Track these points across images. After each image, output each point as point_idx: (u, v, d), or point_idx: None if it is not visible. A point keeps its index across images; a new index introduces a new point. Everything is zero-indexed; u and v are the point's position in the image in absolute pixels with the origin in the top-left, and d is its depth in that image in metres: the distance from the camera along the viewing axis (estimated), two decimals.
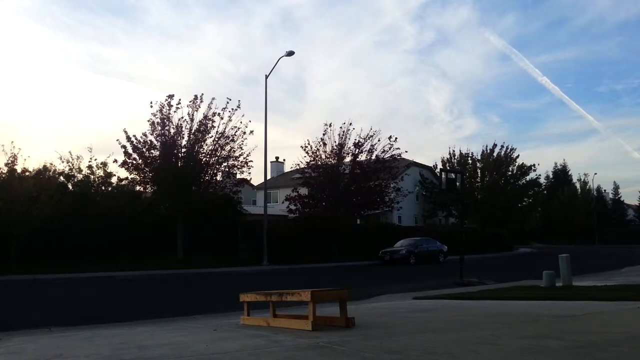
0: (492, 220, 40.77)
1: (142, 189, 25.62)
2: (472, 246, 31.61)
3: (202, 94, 24.25)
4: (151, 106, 23.41)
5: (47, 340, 5.70)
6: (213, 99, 23.76)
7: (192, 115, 23.47)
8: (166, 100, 23.19)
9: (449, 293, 11.12)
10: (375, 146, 29.10)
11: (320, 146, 28.88)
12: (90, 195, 23.63)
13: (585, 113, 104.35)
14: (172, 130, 23.31)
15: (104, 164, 24.29)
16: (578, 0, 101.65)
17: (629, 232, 60.84)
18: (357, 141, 28.81)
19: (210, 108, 23.63)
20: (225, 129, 23.82)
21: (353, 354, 3.79)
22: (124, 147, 23.06)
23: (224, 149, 24.14)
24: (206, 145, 23.93)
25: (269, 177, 31.90)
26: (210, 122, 23.67)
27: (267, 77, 26.27)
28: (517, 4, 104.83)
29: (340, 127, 28.82)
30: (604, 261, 24.79)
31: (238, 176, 26.05)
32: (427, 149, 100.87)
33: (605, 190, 70.74)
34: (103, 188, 24.63)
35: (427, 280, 15.86)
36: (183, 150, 23.62)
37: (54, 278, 17.01)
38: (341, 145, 28.81)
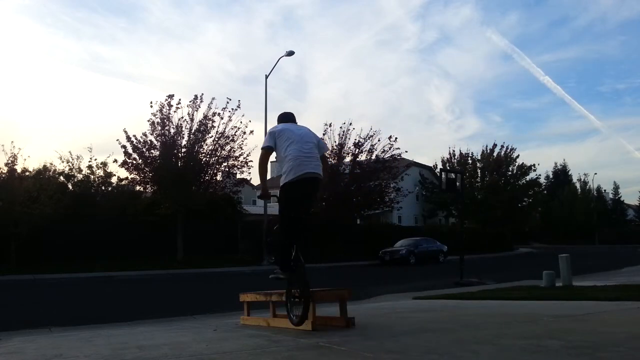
0: (492, 220, 40.79)
1: (142, 189, 25.65)
2: (472, 246, 31.61)
3: (202, 94, 24.31)
4: (151, 106, 23.47)
5: (47, 340, 5.70)
6: (213, 98, 23.82)
7: (192, 115, 23.52)
8: (166, 100, 23.24)
9: (449, 293, 11.12)
10: (375, 146, 29.20)
11: None
12: (90, 195, 23.68)
13: (587, 112, 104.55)
14: (172, 130, 23.34)
15: (104, 164, 24.36)
16: None
17: (629, 232, 60.88)
18: (357, 141, 28.87)
19: (210, 108, 23.70)
20: (225, 128, 23.88)
21: (353, 353, 3.79)
22: (124, 147, 23.10)
23: (224, 149, 24.18)
24: (206, 145, 23.97)
25: (269, 176, 31.85)
26: (210, 122, 23.70)
27: (267, 76, 26.32)
28: (519, 3, 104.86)
29: (340, 127, 28.90)
30: (604, 261, 24.80)
31: (238, 176, 26.09)
32: (428, 148, 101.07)
33: (605, 190, 70.87)
34: (103, 188, 24.68)
35: (427, 280, 15.86)
36: (183, 150, 23.64)
37: (53, 278, 17.02)
38: (341, 145, 28.85)
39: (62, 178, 24.07)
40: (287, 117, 5.21)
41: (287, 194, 4.70)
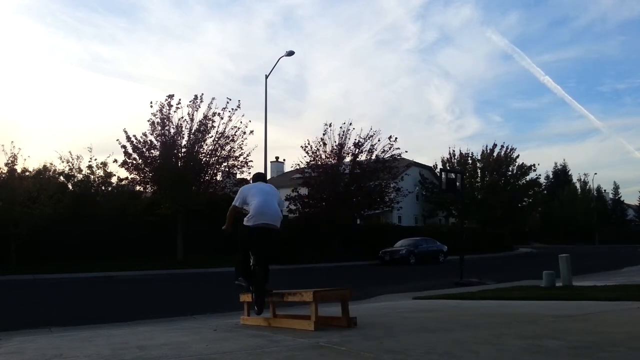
0: (492, 220, 40.76)
1: (142, 189, 25.62)
2: (472, 246, 31.60)
3: (202, 94, 24.29)
4: (151, 106, 23.45)
5: (47, 340, 5.70)
6: (213, 98, 23.80)
7: (192, 115, 23.48)
8: (166, 100, 23.20)
9: (449, 293, 11.13)
10: (375, 146, 29.16)
11: (320, 146, 28.92)
12: (90, 195, 23.64)
13: (587, 112, 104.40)
14: (172, 130, 23.31)
15: (104, 164, 24.32)
16: None
17: (629, 232, 60.86)
18: (357, 141, 28.84)
19: (210, 108, 23.67)
20: (225, 129, 23.86)
21: (353, 353, 3.79)
22: (124, 147, 23.07)
23: (224, 149, 24.15)
24: (206, 145, 23.94)
25: (269, 177, 31.90)
26: (210, 122, 23.68)
27: (267, 77, 26.32)
28: (520, 3, 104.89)
29: (340, 127, 28.87)
30: (604, 261, 24.79)
31: (238, 176, 26.07)
32: (429, 148, 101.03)
33: (605, 190, 70.85)
34: (103, 188, 24.65)
35: (427, 280, 15.86)
36: (183, 150, 23.62)
37: (53, 278, 17.01)
38: (341, 145, 28.81)
39: (62, 178, 24.04)
40: (258, 177, 6.64)
41: (246, 235, 5.96)
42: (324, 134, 28.77)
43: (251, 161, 24.89)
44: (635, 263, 22.52)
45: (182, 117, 23.36)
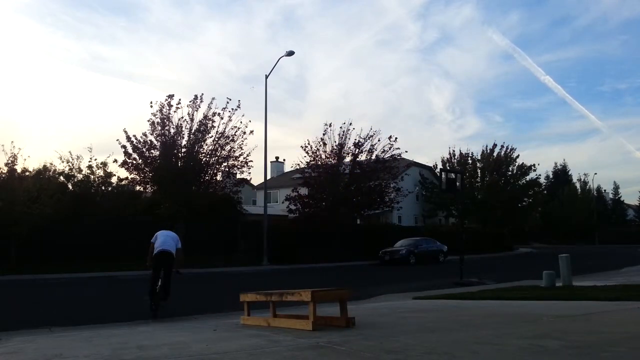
0: (492, 220, 40.74)
1: (142, 189, 25.60)
2: (472, 246, 31.58)
3: (202, 94, 24.28)
4: (151, 106, 23.43)
5: (47, 340, 5.70)
6: (213, 98, 23.79)
7: (192, 115, 23.47)
8: (166, 100, 23.19)
9: (449, 293, 11.13)
10: (375, 146, 29.13)
11: (320, 146, 28.89)
12: (90, 195, 23.61)
13: (587, 112, 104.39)
14: (172, 130, 23.30)
15: (104, 164, 24.28)
16: None
17: (629, 232, 60.79)
18: (357, 141, 28.82)
19: (210, 108, 23.66)
20: (225, 129, 23.84)
21: (353, 354, 3.79)
22: (124, 147, 23.05)
23: (224, 149, 24.14)
24: (206, 145, 23.93)
25: (269, 177, 31.89)
26: (210, 122, 23.66)
27: (267, 77, 26.28)
28: (520, 3, 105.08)
29: (340, 127, 28.85)
30: (604, 261, 24.78)
31: (238, 176, 26.05)
32: (429, 148, 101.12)
33: (605, 190, 70.81)
34: (103, 188, 24.62)
35: (427, 280, 15.86)
36: (183, 150, 23.60)
37: (54, 278, 17.01)
38: (341, 145, 28.80)
39: (62, 178, 24.01)
40: (164, 227, 9.87)
41: (154, 261, 9.05)
42: (324, 134, 28.78)
43: (251, 161, 24.89)
44: (635, 263, 22.51)
45: (182, 117, 23.37)
